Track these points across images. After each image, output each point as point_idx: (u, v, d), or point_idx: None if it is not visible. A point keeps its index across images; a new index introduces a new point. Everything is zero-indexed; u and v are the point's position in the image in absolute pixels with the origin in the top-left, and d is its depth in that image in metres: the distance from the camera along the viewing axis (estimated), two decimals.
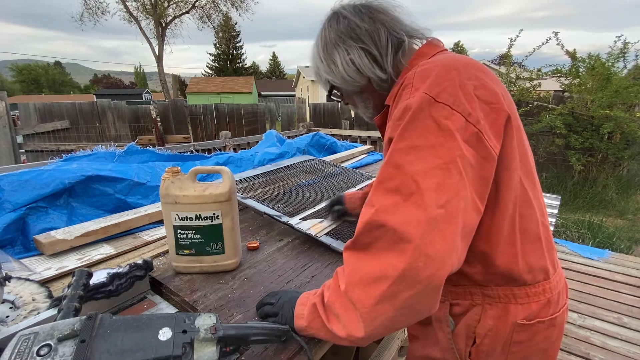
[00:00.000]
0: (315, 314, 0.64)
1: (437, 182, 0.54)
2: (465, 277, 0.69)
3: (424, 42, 0.75)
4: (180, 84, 29.36)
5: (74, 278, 0.65)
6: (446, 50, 0.74)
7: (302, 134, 3.96)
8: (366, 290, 0.55)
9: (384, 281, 0.54)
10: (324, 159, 2.22)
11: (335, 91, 0.83)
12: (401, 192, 0.55)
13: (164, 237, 1.20)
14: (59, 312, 0.58)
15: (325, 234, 1.14)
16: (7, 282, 0.69)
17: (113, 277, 0.79)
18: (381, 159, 2.61)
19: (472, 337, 0.71)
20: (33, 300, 0.77)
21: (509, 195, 0.63)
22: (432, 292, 0.54)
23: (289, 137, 3.37)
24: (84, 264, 1.01)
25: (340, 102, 0.87)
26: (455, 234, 0.54)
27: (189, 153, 2.44)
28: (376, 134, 5.04)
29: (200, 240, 0.93)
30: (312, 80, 20.62)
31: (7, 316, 0.71)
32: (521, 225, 0.66)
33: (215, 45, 42.40)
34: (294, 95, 23.37)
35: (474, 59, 0.67)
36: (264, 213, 1.25)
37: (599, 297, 2.43)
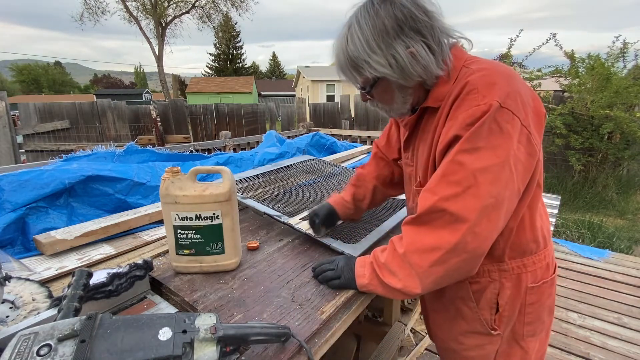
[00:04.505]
0: (374, 272, 0.80)
1: (492, 178, 0.66)
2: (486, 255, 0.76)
3: (454, 42, 0.78)
4: (180, 84, 29.36)
5: (74, 278, 0.65)
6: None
7: (302, 134, 3.96)
8: (423, 256, 0.71)
9: (438, 250, 0.69)
10: (324, 159, 2.22)
11: (369, 85, 0.76)
12: (462, 184, 0.68)
13: (164, 237, 1.20)
14: (59, 312, 0.58)
15: (325, 234, 1.14)
16: (7, 282, 0.69)
17: (113, 277, 0.79)
18: None
19: (494, 307, 0.85)
20: (33, 300, 0.77)
21: (534, 179, 0.76)
22: (476, 260, 0.70)
23: (289, 137, 3.37)
24: (84, 264, 1.01)
25: (367, 97, 0.81)
26: (499, 217, 0.69)
27: (188, 153, 2.44)
28: (376, 134, 4.58)
29: (200, 240, 0.93)
30: (312, 80, 20.56)
31: (7, 316, 0.71)
32: (530, 203, 0.79)
33: (215, 45, 42.37)
34: (294, 95, 23.35)
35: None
36: (264, 213, 1.25)
37: (599, 297, 2.43)
